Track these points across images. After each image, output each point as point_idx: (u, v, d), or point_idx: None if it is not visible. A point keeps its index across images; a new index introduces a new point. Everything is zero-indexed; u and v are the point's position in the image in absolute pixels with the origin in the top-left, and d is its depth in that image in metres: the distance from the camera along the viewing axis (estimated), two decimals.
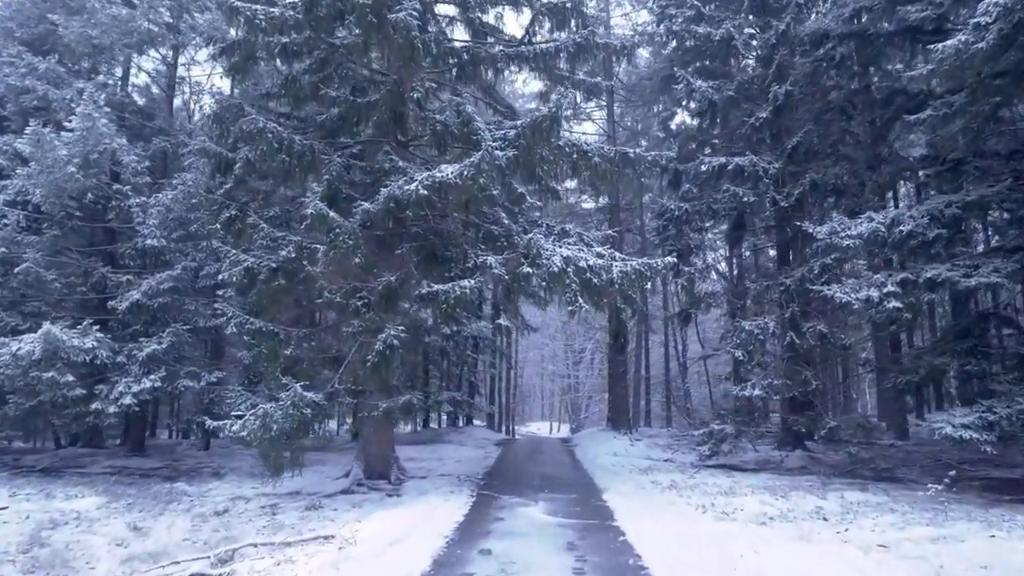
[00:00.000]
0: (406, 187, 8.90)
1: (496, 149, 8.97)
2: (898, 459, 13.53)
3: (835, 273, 12.57)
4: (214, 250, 12.04)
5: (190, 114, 18.88)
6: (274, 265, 10.30)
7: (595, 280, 9.76)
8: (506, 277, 9.29)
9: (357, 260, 9.18)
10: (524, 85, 25.29)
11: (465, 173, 8.76)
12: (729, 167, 13.62)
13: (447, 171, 8.92)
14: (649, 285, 16.03)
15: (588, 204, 25.62)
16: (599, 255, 10.12)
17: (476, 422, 30.12)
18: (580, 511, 8.19)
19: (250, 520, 9.05)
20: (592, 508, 8.46)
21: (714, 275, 14.18)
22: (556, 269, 9.56)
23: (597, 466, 13.31)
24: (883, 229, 10.29)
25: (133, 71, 18.60)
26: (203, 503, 10.45)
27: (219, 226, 11.01)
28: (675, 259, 10.18)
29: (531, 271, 9.23)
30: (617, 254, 10.52)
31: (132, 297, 13.28)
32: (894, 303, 9.86)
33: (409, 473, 11.98)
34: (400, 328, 9.10)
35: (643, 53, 27.54)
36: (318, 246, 9.61)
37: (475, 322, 19.26)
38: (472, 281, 8.96)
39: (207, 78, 19.35)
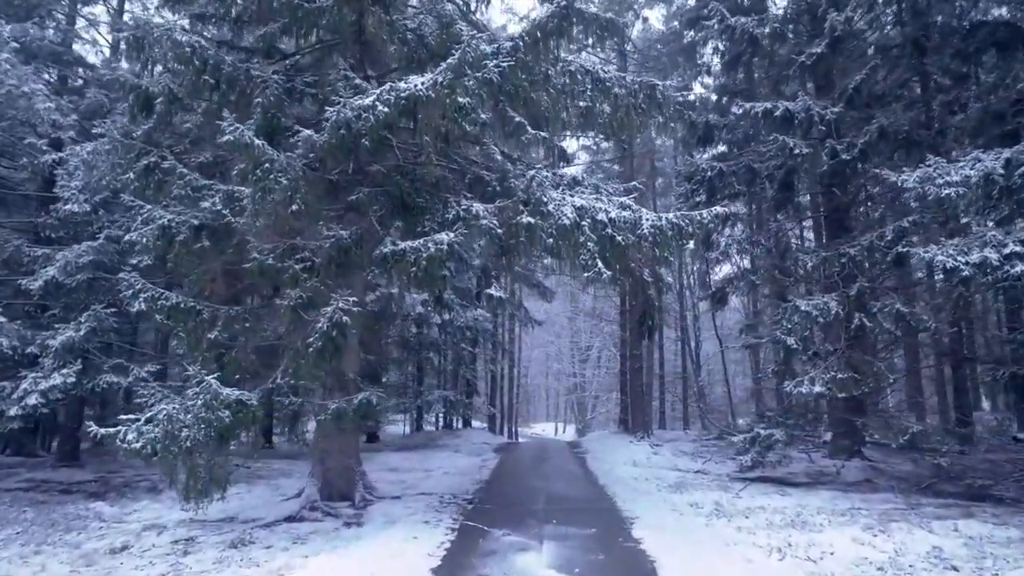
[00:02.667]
0: (361, 103, 6.43)
1: (485, 51, 6.48)
2: (982, 471, 11.03)
3: (910, 240, 10.07)
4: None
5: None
6: (196, 222, 7.85)
7: (619, 237, 7.28)
8: (499, 231, 6.80)
9: (295, 207, 6.70)
10: None
11: (441, 81, 6.28)
12: (776, 113, 11.10)
13: (416, 82, 6.45)
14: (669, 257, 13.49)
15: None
16: (624, 206, 7.63)
17: (476, 424, 27.62)
18: (605, 561, 5.66)
19: (149, 564, 6.61)
20: (622, 555, 5.93)
21: (751, 248, 11.66)
22: (567, 222, 7.09)
23: (615, 480, 10.81)
24: (1000, 171, 7.77)
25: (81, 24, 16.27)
26: (107, 534, 8.03)
27: (133, 176, 8.55)
28: (726, 209, 7.72)
29: (533, 221, 6.74)
30: (643, 209, 8.01)
31: (47, 274, 10.87)
32: (1021, 266, 7.35)
33: (380, 491, 9.51)
34: (352, 300, 6.62)
35: (655, 23, 25.16)
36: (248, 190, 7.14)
37: (470, 309, 16.79)
38: (451, 235, 6.47)
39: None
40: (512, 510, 8.10)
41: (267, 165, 6.61)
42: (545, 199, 7.06)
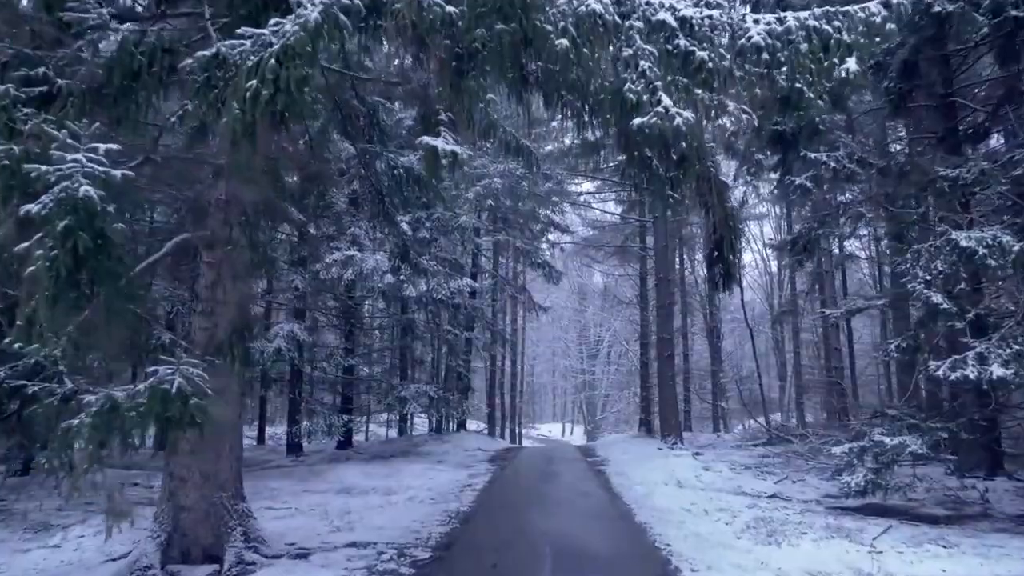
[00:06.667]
0: None
1: None
2: None
3: None
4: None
5: None
6: None
7: (701, 53, 3.52)
8: (450, 9, 3.06)
9: None
10: None
11: None
12: None
13: None
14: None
15: None
16: (707, 3, 3.88)
17: (473, 425, 23.81)
18: None
19: None
20: None
21: (861, 169, 7.84)
22: (596, 7, 3.35)
23: (661, 515, 7.03)
24: None
25: None
26: None
27: None
28: None
29: None
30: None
31: None
32: None
33: (276, 544, 5.73)
34: (115, 147, 2.90)
35: None
36: None
37: (456, 279, 13.06)
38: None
39: None
40: None
41: None
42: None
